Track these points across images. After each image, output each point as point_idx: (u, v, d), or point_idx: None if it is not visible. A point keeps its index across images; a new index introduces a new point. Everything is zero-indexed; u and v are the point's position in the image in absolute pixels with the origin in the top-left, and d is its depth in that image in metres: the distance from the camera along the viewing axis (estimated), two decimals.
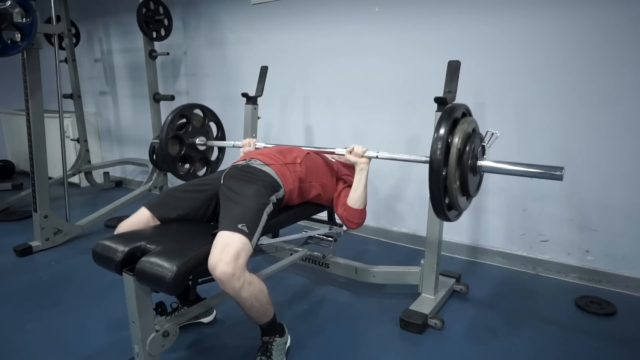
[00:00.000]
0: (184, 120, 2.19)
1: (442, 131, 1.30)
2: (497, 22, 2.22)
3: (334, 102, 2.87)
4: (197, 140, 2.22)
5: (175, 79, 3.73)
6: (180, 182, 2.08)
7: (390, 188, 2.76)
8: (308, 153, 1.82)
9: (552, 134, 2.17)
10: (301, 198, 1.76)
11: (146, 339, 1.30)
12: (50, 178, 2.76)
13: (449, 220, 1.46)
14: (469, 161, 1.35)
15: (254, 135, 2.51)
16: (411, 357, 1.65)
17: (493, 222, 2.44)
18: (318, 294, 2.12)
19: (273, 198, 1.55)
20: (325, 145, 2.13)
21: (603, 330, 1.79)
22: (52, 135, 3.16)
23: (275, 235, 2.11)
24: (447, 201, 1.38)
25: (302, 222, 2.80)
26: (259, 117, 2.57)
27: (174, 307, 1.59)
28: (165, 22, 3.23)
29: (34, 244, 2.64)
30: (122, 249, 1.31)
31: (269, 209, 1.50)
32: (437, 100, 1.74)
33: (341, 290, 2.15)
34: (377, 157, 1.73)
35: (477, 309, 1.97)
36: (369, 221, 2.88)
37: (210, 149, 2.32)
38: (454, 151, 1.33)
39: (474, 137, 1.39)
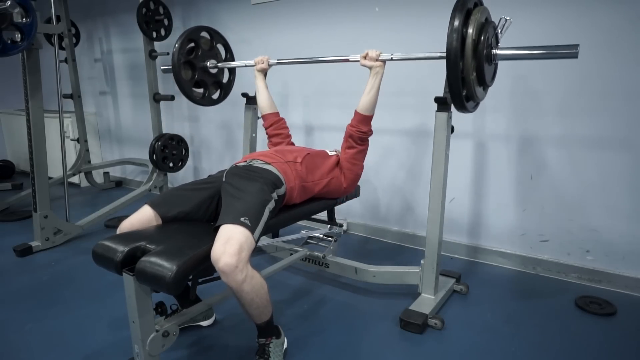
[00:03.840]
0: (192, 44, 2.20)
1: (456, 23, 1.27)
2: None
3: (334, 102, 2.87)
4: (208, 63, 2.24)
5: None
6: (181, 182, 2.07)
7: (390, 188, 2.76)
8: (308, 153, 1.83)
9: (551, 134, 2.18)
10: (302, 197, 1.76)
11: (146, 339, 1.31)
12: (50, 178, 2.76)
13: (467, 111, 1.43)
14: (484, 51, 1.34)
15: (254, 135, 2.51)
16: (411, 357, 1.65)
17: (493, 222, 2.44)
18: (318, 294, 2.12)
19: (275, 195, 1.56)
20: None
21: (603, 330, 1.79)
22: (52, 135, 3.16)
23: (275, 235, 2.11)
24: (465, 93, 1.36)
25: (302, 222, 2.80)
26: (258, 117, 2.56)
27: (174, 308, 1.59)
28: (165, 22, 3.22)
29: (34, 244, 2.64)
30: (122, 249, 1.31)
31: (271, 205, 1.50)
32: (438, 100, 1.74)
33: (341, 290, 2.15)
34: (391, 58, 1.71)
35: (477, 309, 1.97)
36: (369, 221, 2.89)
37: (221, 71, 2.34)
38: (469, 42, 1.30)
39: (487, 26, 1.37)
